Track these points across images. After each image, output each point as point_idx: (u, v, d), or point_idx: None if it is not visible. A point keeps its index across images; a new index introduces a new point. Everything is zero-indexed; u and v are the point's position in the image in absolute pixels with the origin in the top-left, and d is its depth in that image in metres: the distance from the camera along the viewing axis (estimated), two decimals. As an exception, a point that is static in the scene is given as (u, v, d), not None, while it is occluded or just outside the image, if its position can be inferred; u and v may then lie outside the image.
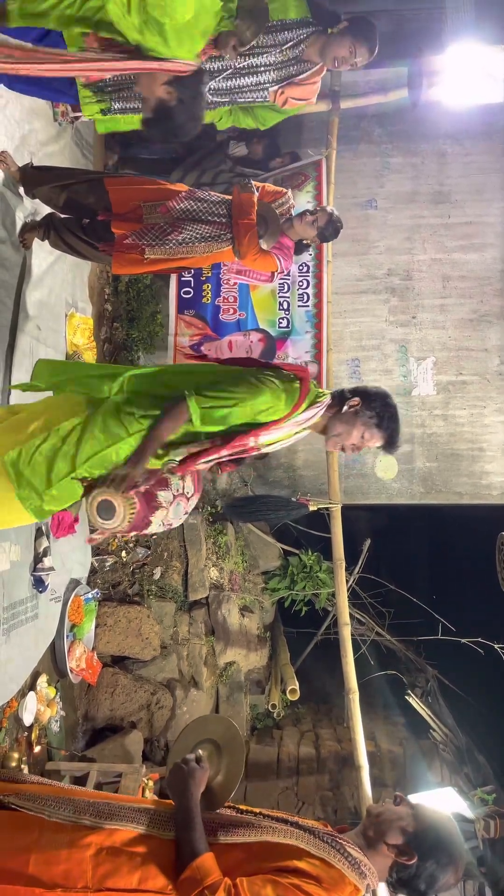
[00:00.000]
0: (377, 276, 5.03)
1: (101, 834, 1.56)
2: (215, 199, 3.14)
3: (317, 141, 4.77)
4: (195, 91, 2.44)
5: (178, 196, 3.09)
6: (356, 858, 1.56)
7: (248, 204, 3.09)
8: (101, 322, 4.69)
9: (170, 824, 1.59)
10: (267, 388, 2.06)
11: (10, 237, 3.25)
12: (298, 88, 3.09)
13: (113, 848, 1.53)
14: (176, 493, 2.25)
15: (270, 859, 1.51)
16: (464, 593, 5.74)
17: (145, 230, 3.04)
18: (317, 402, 2.18)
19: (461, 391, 4.98)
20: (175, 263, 3.15)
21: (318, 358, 4.35)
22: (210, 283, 4.42)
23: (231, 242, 3.12)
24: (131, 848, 1.54)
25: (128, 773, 3.52)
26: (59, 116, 3.78)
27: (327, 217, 3.34)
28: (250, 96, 3.09)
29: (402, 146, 5.06)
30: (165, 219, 3.05)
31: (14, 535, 3.10)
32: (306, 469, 5.05)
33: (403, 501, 5.09)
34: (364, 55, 2.96)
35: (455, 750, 5.00)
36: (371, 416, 2.19)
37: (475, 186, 5.01)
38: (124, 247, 3.05)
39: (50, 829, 1.57)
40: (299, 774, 4.83)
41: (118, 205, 3.06)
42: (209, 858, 1.48)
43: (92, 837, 1.55)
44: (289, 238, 3.34)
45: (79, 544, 4.02)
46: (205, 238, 3.08)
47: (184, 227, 3.04)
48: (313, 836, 1.57)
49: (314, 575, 5.25)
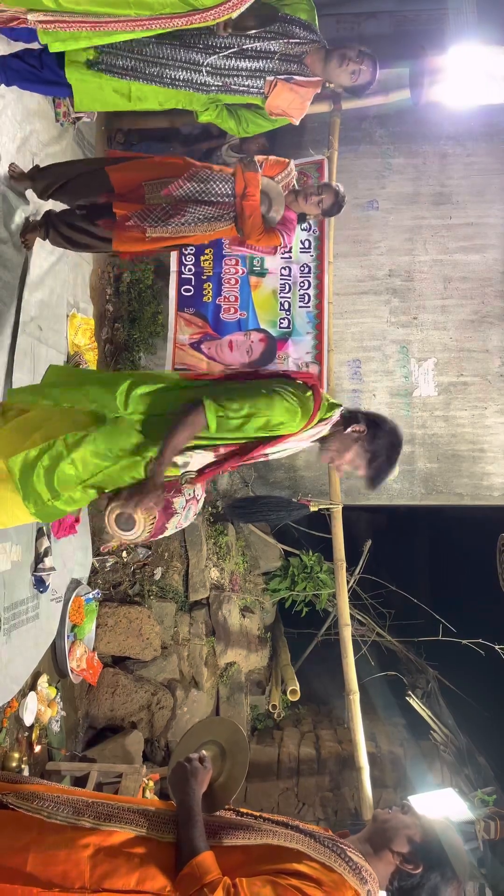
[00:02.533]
0: (378, 276, 5.03)
1: (99, 835, 1.55)
2: (217, 177, 3.07)
3: (318, 142, 4.77)
4: None
5: (180, 179, 3.03)
6: (357, 863, 1.55)
7: (252, 183, 3.03)
8: (103, 322, 4.70)
9: (169, 827, 1.58)
10: (284, 401, 2.04)
11: (11, 238, 3.25)
12: (290, 94, 2.99)
13: (111, 849, 1.53)
14: (188, 499, 2.25)
15: (271, 862, 1.51)
16: (464, 594, 5.74)
17: (147, 212, 3.00)
18: (327, 417, 2.16)
19: (462, 392, 4.98)
20: (176, 241, 3.13)
21: (319, 359, 4.35)
22: (211, 283, 4.42)
23: (234, 221, 3.08)
24: (130, 849, 1.53)
25: (128, 773, 3.52)
26: (61, 117, 3.79)
27: (333, 196, 3.28)
28: (247, 82, 2.94)
29: (403, 147, 5.06)
30: (167, 200, 3.01)
31: (15, 536, 3.10)
32: (307, 470, 5.05)
33: (404, 502, 5.09)
34: (368, 63, 2.90)
35: (455, 751, 5.00)
36: (368, 450, 2.16)
37: (477, 187, 5.01)
38: (126, 227, 3.02)
39: (48, 829, 1.56)
40: (300, 775, 4.83)
41: (120, 185, 3.03)
42: (209, 857, 1.48)
43: (90, 838, 1.54)
44: (292, 211, 3.28)
45: (80, 544, 4.02)
46: (208, 219, 3.04)
47: (186, 209, 3.01)
48: (314, 839, 1.56)
49: (315, 576, 5.25)
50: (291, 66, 2.94)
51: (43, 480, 2.05)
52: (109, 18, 2.53)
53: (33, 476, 2.04)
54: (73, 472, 2.06)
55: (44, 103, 3.63)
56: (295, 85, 2.98)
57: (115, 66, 2.83)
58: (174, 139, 4.98)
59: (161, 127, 4.88)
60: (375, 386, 4.99)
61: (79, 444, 2.06)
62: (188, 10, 2.52)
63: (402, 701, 5.32)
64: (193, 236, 3.10)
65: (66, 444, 2.06)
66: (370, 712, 5.21)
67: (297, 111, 3.10)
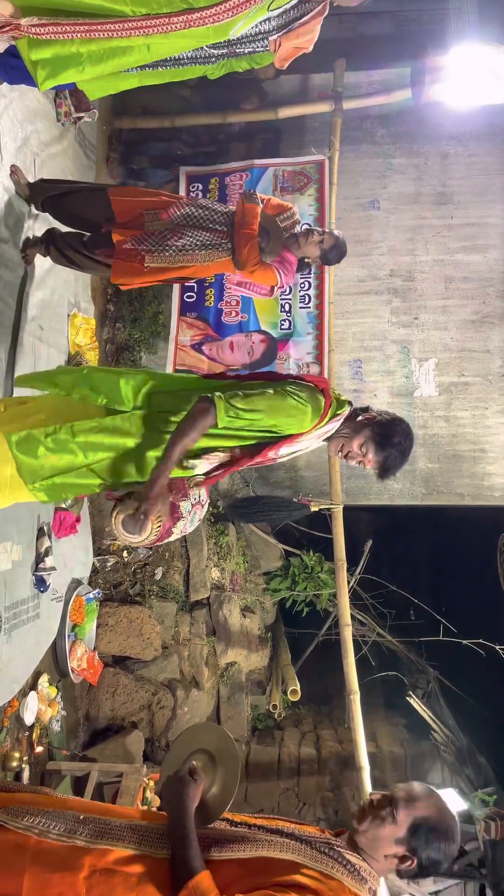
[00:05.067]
0: (379, 276, 5.03)
1: (93, 855, 1.53)
2: (218, 209, 3.11)
3: (320, 141, 4.77)
4: None
5: (180, 201, 3.07)
6: (355, 865, 1.55)
7: (250, 214, 3.06)
8: (104, 322, 4.70)
9: (163, 842, 1.56)
10: (293, 400, 2.05)
11: (12, 237, 3.26)
12: (296, 39, 2.86)
13: (106, 869, 1.50)
14: (193, 502, 2.25)
15: (268, 874, 1.49)
16: (465, 594, 5.73)
17: (145, 236, 3.02)
18: (337, 414, 2.16)
19: (463, 392, 4.97)
20: (175, 273, 3.12)
21: (320, 359, 4.35)
22: (213, 289, 4.44)
23: (231, 252, 3.08)
24: (126, 868, 1.51)
25: (129, 773, 3.52)
26: (63, 117, 3.79)
27: (333, 241, 3.25)
28: (250, 46, 2.87)
29: (404, 147, 5.06)
30: (166, 225, 3.02)
31: (16, 535, 3.10)
32: (308, 470, 5.05)
33: (405, 502, 5.09)
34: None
35: (456, 751, 5.00)
36: (378, 433, 2.15)
37: (478, 188, 5.00)
38: (123, 253, 3.03)
39: (42, 850, 1.54)
40: (300, 775, 4.84)
41: (121, 214, 3.05)
42: (206, 877, 1.45)
43: (85, 859, 1.52)
44: (292, 253, 3.25)
45: (81, 544, 4.02)
46: (204, 245, 3.05)
47: (184, 233, 3.02)
48: (310, 847, 1.55)
49: (315, 576, 5.25)
50: (291, 13, 2.79)
51: (41, 459, 2.04)
52: (104, 20, 2.44)
53: (36, 450, 2.04)
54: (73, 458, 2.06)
55: (45, 103, 3.64)
56: (299, 29, 2.84)
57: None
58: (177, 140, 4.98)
59: (162, 128, 4.88)
60: (376, 386, 4.99)
61: (84, 432, 2.06)
62: (184, 7, 2.43)
63: (403, 701, 5.33)
64: (192, 267, 3.09)
65: (71, 430, 2.06)
66: (371, 712, 5.21)
67: (308, 44, 2.96)
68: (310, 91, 5.04)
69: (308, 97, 5.00)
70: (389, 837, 1.58)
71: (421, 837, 1.57)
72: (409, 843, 1.57)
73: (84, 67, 2.55)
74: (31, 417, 2.14)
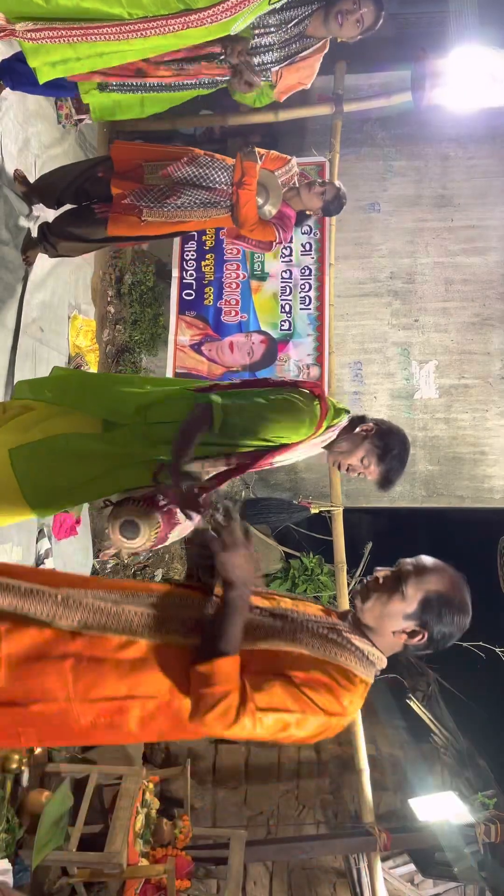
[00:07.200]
0: (380, 279, 5.03)
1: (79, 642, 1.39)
2: (218, 165, 3.07)
3: (320, 144, 4.78)
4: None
5: (180, 161, 3.03)
6: (362, 650, 1.48)
7: (249, 172, 3.02)
8: (104, 324, 4.70)
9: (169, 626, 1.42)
10: (292, 408, 2.05)
11: (13, 239, 3.26)
12: (296, 73, 2.98)
13: (94, 657, 1.38)
14: None
15: (275, 666, 1.40)
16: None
17: (144, 191, 2.99)
18: (334, 423, 2.17)
19: (463, 395, 4.98)
20: (172, 228, 3.11)
21: (320, 361, 4.35)
22: (212, 287, 4.43)
23: (230, 210, 3.07)
24: (118, 655, 1.39)
25: (128, 775, 3.50)
26: (63, 119, 3.79)
27: (335, 191, 3.26)
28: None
29: (405, 150, 5.07)
30: (166, 181, 3.01)
31: (16, 537, 3.10)
32: (308, 472, 5.04)
33: (405, 505, 5.09)
34: (369, 6, 2.76)
35: (456, 754, 4.99)
36: (378, 445, 2.17)
37: (478, 190, 5.01)
38: (122, 207, 3.00)
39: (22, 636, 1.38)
40: (300, 777, 4.82)
41: (120, 162, 3.03)
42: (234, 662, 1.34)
43: (70, 647, 1.38)
44: (291, 208, 3.25)
45: (80, 546, 4.02)
46: (203, 204, 3.04)
47: (183, 192, 3.00)
48: (315, 636, 1.45)
49: (315, 578, 5.25)
50: (293, 46, 2.89)
51: (39, 472, 2.05)
52: (99, 24, 2.42)
53: (31, 465, 2.04)
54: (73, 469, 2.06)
55: (45, 105, 3.64)
56: (300, 62, 2.95)
57: (124, 85, 2.86)
58: (176, 139, 4.98)
59: (163, 129, 4.88)
60: (376, 388, 4.99)
61: (80, 442, 2.07)
62: (182, 9, 2.40)
63: (403, 704, 5.31)
64: (190, 222, 3.08)
65: (67, 440, 2.07)
66: (370, 715, 5.20)
67: (307, 80, 3.08)
68: (310, 93, 5.03)
69: (308, 100, 5.00)
70: (398, 613, 1.50)
71: (433, 611, 1.50)
72: (420, 617, 1.50)
73: (83, 64, 2.58)
74: (29, 432, 2.13)
